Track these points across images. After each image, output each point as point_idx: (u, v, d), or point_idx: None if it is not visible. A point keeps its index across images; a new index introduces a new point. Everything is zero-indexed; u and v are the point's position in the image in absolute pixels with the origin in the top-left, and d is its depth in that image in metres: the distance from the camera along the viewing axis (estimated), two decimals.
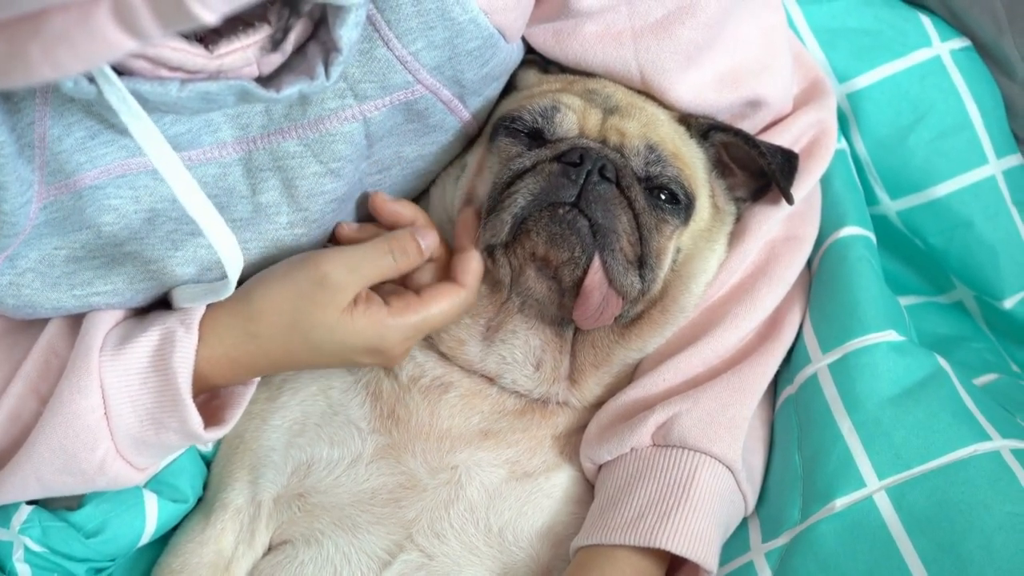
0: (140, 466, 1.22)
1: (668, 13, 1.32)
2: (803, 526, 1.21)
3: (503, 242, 1.25)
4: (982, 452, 1.20)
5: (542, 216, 1.23)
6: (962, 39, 1.59)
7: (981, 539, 1.12)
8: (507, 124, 1.32)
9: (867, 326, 1.32)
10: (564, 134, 1.30)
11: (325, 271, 1.17)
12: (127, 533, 1.30)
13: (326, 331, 1.18)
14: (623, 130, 1.30)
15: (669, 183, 1.29)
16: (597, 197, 1.23)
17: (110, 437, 1.16)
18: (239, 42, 1.03)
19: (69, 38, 0.76)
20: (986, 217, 1.54)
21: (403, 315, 1.21)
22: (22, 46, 0.77)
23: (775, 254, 1.38)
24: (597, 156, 1.24)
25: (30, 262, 1.12)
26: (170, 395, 1.16)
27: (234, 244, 1.11)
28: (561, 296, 1.26)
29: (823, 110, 1.46)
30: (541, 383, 1.31)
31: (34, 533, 1.26)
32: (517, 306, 1.29)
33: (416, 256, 1.23)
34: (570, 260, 1.22)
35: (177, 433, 1.19)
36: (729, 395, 1.27)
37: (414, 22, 1.16)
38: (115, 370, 1.16)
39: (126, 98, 0.98)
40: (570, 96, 1.33)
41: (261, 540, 1.32)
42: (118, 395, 1.16)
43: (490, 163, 1.33)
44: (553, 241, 1.22)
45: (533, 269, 1.25)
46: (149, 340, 1.17)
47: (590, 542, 1.21)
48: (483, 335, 1.31)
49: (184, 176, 1.05)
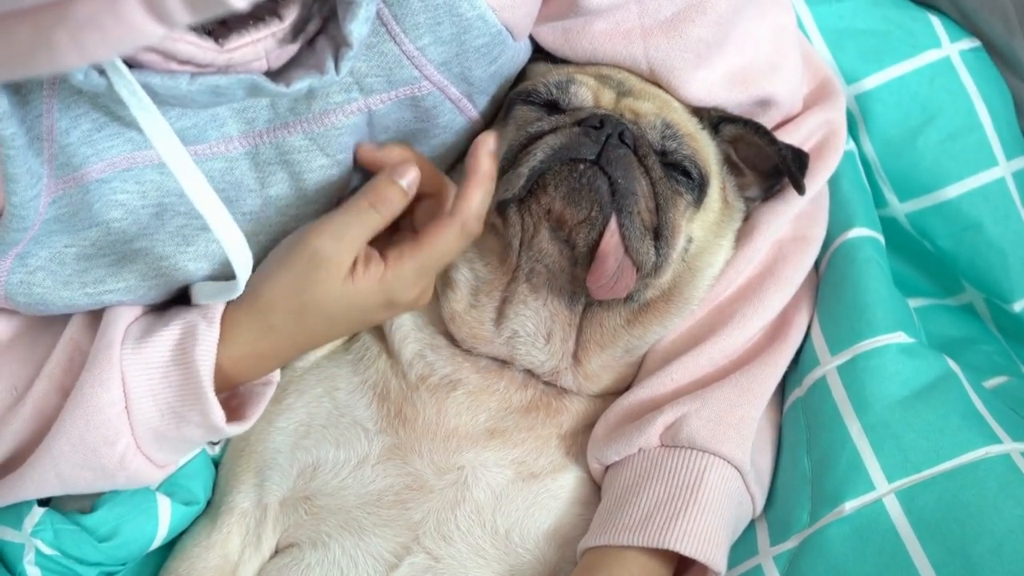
0: (160, 462, 1.22)
1: (678, 11, 1.31)
2: (812, 529, 1.21)
3: (517, 197, 1.23)
4: (992, 455, 1.19)
5: (561, 171, 1.21)
6: (972, 40, 1.59)
7: (991, 542, 1.12)
8: (523, 97, 1.32)
9: (876, 328, 1.31)
10: (579, 104, 1.30)
11: (314, 247, 1.15)
12: (140, 537, 1.29)
13: (335, 303, 1.17)
14: (637, 110, 1.30)
15: (683, 160, 1.29)
16: (617, 158, 1.22)
17: (131, 431, 1.16)
18: (249, 36, 1.03)
19: (96, 24, 0.75)
20: (995, 219, 1.53)
21: (400, 265, 1.18)
22: (47, 32, 0.76)
23: (783, 254, 1.38)
24: (617, 122, 1.23)
25: (41, 260, 1.12)
26: (192, 389, 1.16)
27: (241, 240, 1.11)
28: (573, 265, 1.25)
29: (832, 110, 1.46)
30: (552, 355, 1.31)
31: (46, 536, 1.25)
32: (525, 274, 1.28)
33: (400, 199, 1.19)
34: (587, 220, 1.21)
35: (199, 427, 1.18)
36: (737, 396, 1.27)
37: (421, 17, 1.15)
38: (136, 364, 1.15)
39: (136, 91, 0.97)
40: (583, 75, 1.33)
41: (267, 543, 1.31)
42: (139, 389, 1.15)
43: (504, 133, 1.32)
44: (571, 197, 1.21)
45: (547, 229, 1.24)
46: (171, 334, 1.17)
47: (598, 543, 1.21)
48: (498, 310, 1.31)
49: (193, 171, 1.05)
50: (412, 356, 1.33)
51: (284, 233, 1.22)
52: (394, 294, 1.19)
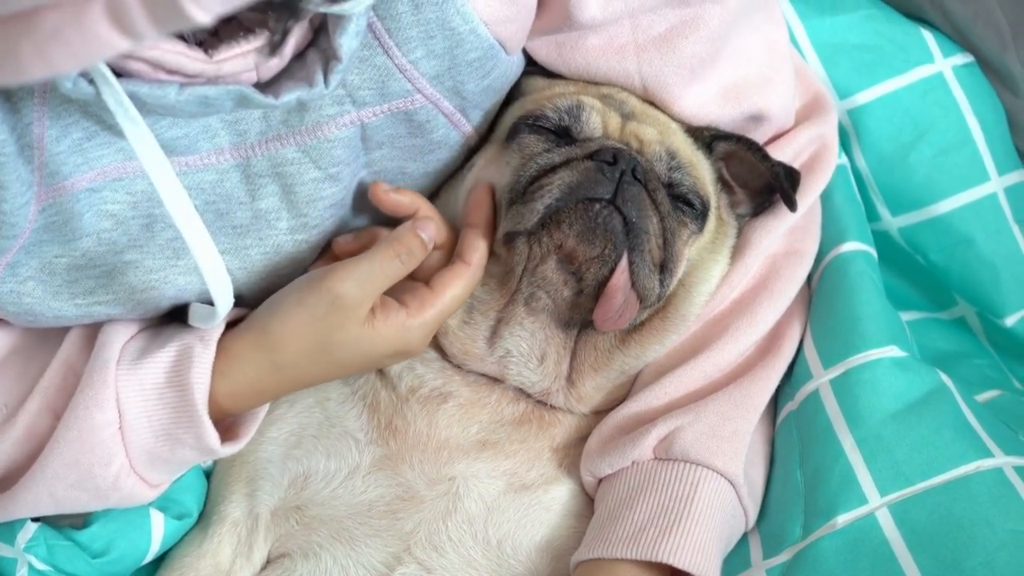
0: (153, 482, 1.21)
1: (671, 27, 1.32)
2: (805, 543, 1.21)
3: (528, 230, 1.23)
4: (985, 469, 1.19)
5: (576, 209, 1.21)
6: (965, 55, 1.59)
7: (983, 556, 1.11)
8: (531, 122, 1.31)
9: (869, 341, 1.31)
10: (591, 133, 1.30)
11: (337, 291, 1.16)
12: (133, 553, 1.29)
13: (350, 347, 1.18)
14: (641, 136, 1.30)
15: (688, 191, 1.30)
16: (632, 196, 1.22)
17: (125, 452, 1.16)
18: (239, 47, 1.02)
19: (62, 36, 0.75)
20: (987, 234, 1.53)
21: (421, 313, 1.20)
22: (14, 44, 0.76)
23: (776, 268, 1.38)
24: (630, 157, 1.23)
25: (31, 270, 1.12)
26: (186, 410, 1.16)
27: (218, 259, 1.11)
28: (577, 294, 1.25)
29: (824, 125, 1.46)
30: (544, 377, 1.31)
31: (39, 551, 1.24)
32: (524, 297, 1.28)
33: (421, 252, 1.22)
34: (599, 257, 1.21)
35: (193, 449, 1.18)
36: (731, 409, 1.27)
37: (414, 31, 1.16)
38: (131, 384, 1.15)
39: (123, 100, 0.97)
40: (590, 98, 1.33)
41: (259, 553, 1.31)
42: (134, 409, 1.15)
43: (508, 158, 1.31)
44: (584, 236, 1.21)
45: (555, 260, 1.24)
46: (167, 355, 1.17)
47: (591, 556, 1.20)
48: (492, 329, 1.31)
49: (176, 186, 1.05)
50: (401, 368, 1.33)
51: (274, 248, 1.22)
52: (409, 343, 1.21)
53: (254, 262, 1.22)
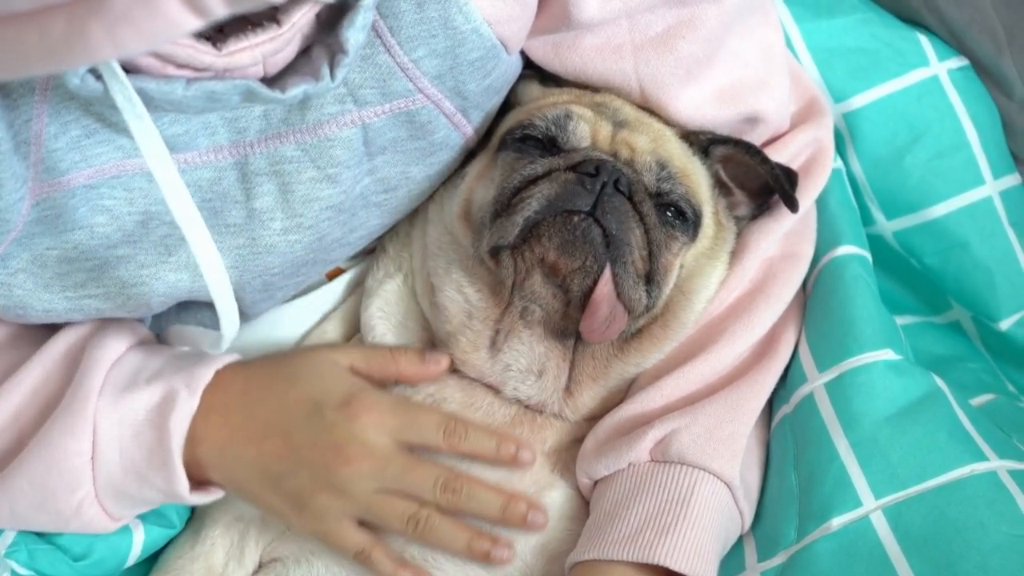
0: (115, 515, 1.22)
1: (668, 27, 1.32)
2: (799, 546, 1.21)
3: (510, 244, 1.23)
4: (979, 472, 1.19)
5: (555, 222, 1.21)
6: (960, 58, 1.59)
7: (978, 559, 1.11)
8: (518, 133, 1.31)
9: (863, 345, 1.31)
10: (578, 143, 1.29)
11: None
12: (114, 556, 1.28)
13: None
14: (633, 145, 1.29)
15: (679, 201, 1.29)
16: (612, 208, 1.21)
17: (92, 481, 1.16)
18: (247, 41, 1.02)
19: (132, 17, 0.74)
20: (982, 238, 1.53)
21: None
22: (82, 25, 0.75)
23: (772, 272, 1.38)
24: (613, 168, 1.23)
25: (22, 262, 1.11)
26: (160, 453, 1.17)
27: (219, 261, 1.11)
28: (566, 305, 1.25)
29: (820, 129, 1.46)
30: (541, 391, 1.31)
31: (21, 556, 1.23)
32: (519, 311, 1.28)
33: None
34: (580, 269, 1.21)
35: (160, 492, 1.19)
36: (727, 412, 1.27)
37: (416, 30, 1.15)
38: (110, 418, 1.16)
39: (131, 96, 0.97)
40: (580, 107, 1.32)
41: (251, 557, 1.31)
42: (109, 443, 1.16)
43: (494, 172, 1.31)
44: (565, 248, 1.21)
45: (540, 274, 1.24)
46: (150, 395, 1.18)
47: (587, 557, 1.20)
48: (492, 340, 1.30)
49: (179, 184, 1.05)
50: None
51: (267, 248, 1.22)
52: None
53: (246, 261, 1.21)
